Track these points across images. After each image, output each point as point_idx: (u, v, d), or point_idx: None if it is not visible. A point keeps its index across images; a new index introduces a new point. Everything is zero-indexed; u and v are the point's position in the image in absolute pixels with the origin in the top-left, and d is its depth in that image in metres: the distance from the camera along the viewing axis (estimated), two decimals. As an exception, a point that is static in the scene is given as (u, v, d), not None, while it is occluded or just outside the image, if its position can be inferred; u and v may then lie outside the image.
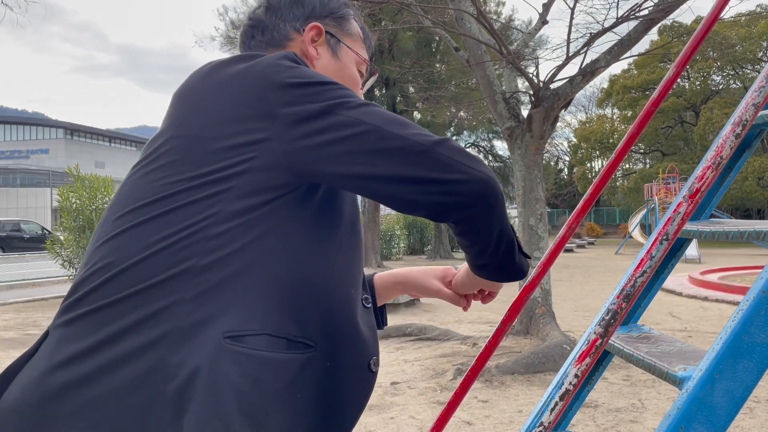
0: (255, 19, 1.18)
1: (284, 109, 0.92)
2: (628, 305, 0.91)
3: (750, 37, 34.20)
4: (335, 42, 1.18)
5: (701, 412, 0.99)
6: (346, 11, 1.21)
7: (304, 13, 1.17)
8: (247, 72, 0.96)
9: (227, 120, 0.94)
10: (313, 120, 0.91)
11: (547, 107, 6.65)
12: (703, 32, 1.11)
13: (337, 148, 0.90)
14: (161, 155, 0.97)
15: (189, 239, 0.90)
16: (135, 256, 0.91)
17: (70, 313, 0.92)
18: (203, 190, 0.91)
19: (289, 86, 0.94)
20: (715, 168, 0.96)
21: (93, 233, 1.02)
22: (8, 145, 62.00)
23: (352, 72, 1.19)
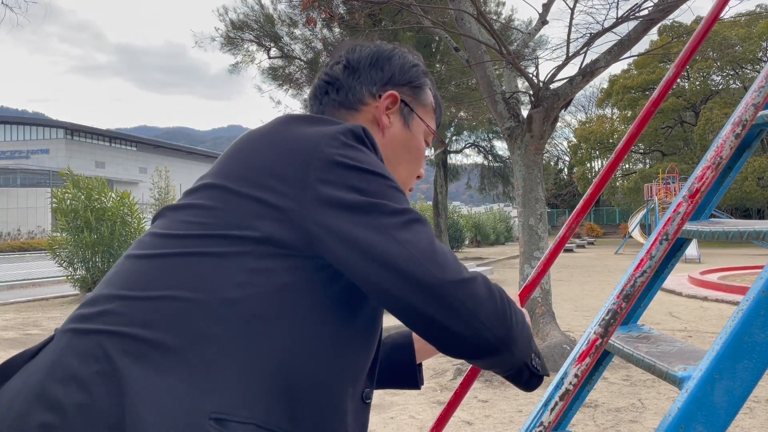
0: (332, 76, 1.14)
1: (319, 185, 0.87)
2: (628, 305, 0.91)
3: (750, 37, 34.20)
4: (408, 112, 1.14)
5: (701, 412, 0.99)
6: (423, 81, 1.18)
7: (382, 77, 1.14)
8: (305, 135, 0.93)
9: (265, 173, 0.90)
10: (345, 211, 0.86)
11: (547, 107, 6.65)
12: (703, 32, 1.11)
13: (357, 246, 0.85)
14: (201, 196, 0.95)
15: (201, 294, 0.86)
16: (146, 290, 0.88)
17: (82, 324, 0.89)
18: (224, 245, 0.88)
19: (335, 164, 0.89)
20: (714, 168, 0.96)
21: (134, 243, 1.01)
22: (8, 145, 61.99)
23: (419, 144, 1.16)
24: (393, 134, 1.12)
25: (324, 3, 11.57)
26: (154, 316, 0.86)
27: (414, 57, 1.19)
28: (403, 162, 1.14)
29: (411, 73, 1.16)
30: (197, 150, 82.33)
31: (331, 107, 1.12)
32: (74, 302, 11.61)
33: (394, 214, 0.87)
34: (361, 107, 1.11)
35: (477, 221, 35.78)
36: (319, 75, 1.17)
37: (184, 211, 0.95)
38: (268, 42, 22.23)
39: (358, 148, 0.92)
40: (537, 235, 6.87)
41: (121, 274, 0.94)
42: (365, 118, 1.11)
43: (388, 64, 1.15)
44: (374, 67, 1.14)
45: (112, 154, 63.66)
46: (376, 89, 1.12)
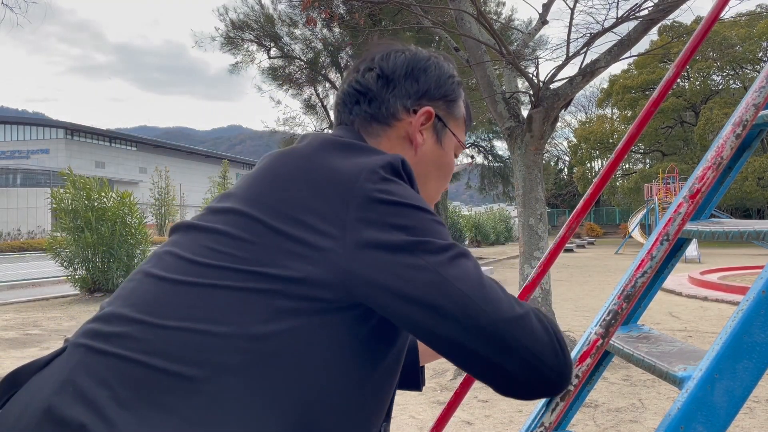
0: (364, 85, 1.08)
1: (360, 225, 0.84)
2: (629, 306, 0.91)
3: (750, 37, 34.21)
4: (442, 127, 1.10)
5: (701, 412, 0.99)
6: (458, 93, 1.13)
7: (418, 90, 1.08)
8: (343, 169, 0.89)
9: (301, 208, 0.86)
10: (388, 252, 0.82)
11: (547, 107, 6.65)
12: (703, 32, 1.11)
13: (403, 290, 0.82)
14: (228, 222, 0.90)
15: (225, 328, 0.82)
16: (168, 319, 0.84)
17: (97, 342, 0.86)
18: (255, 281, 0.84)
19: (376, 201, 0.85)
20: (715, 168, 0.96)
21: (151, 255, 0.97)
22: (8, 145, 62.00)
23: (450, 159, 1.12)
24: (425, 151, 1.08)
25: (324, 3, 11.57)
26: (174, 347, 0.82)
27: (449, 66, 1.14)
28: (433, 178, 1.11)
29: (447, 86, 1.11)
30: (197, 150, 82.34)
31: (362, 119, 1.07)
32: (74, 302, 11.61)
33: (439, 252, 0.83)
34: (394, 122, 1.07)
35: (477, 221, 35.78)
36: (348, 79, 1.11)
37: (210, 236, 0.90)
38: (268, 42, 22.23)
39: (396, 182, 0.89)
40: (537, 235, 6.87)
41: (142, 294, 0.90)
42: (397, 134, 1.07)
43: (424, 76, 1.09)
44: (409, 78, 1.08)
45: (112, 154, 63.67)
46: (410, 103, 1.07)
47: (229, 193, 0.96)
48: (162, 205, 45.39)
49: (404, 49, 1.12)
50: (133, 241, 12.13)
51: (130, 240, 12.07)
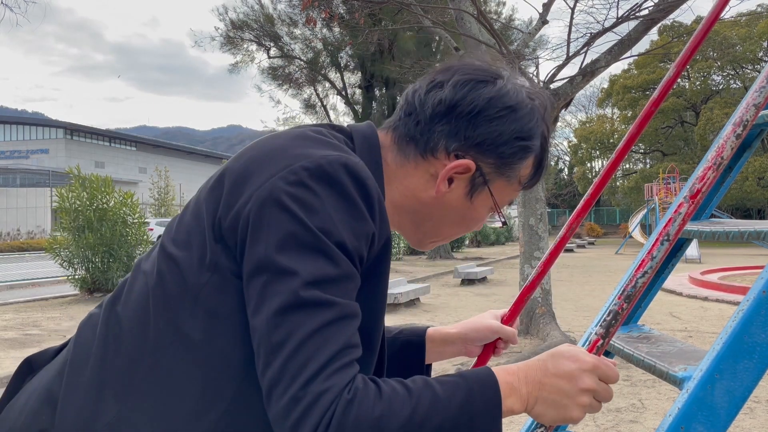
0: (422, 103, 0.96)
1: (251, 219, 0.82)
2: (629, 306, 0.91)
3: (750, 37, 34.21)
4: (481, 183, 0.97)
5: (701, 412, 0.99)
6: (522, 157, 0.97)
7: (469, 138, 0.94)
8: (285, 155, 0.86)
9: (229, 186, 0.87)
10: (253, 260, 0.81)
11: (547, 107, 6.65)
12: (703, 32, 1.11)
13: (249, 301, 0.82)
14: (195, 205, 0.93)
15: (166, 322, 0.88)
16: (134, 315, 0.91)
17: (67, 375, 0.93)
18: (190, 257, 0.88)
19: (274, 202, 0.81)
20: (715, 168, 0.96)
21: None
22: (8, 145, 62.00)
23: (478, 216, 1.01)
24: (448, 199, 0.98)
25: (324, 3, 11.56)
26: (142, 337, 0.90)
27: (534, 122, 0.97)
28: (450, 224, 1.02)
29: (507, 148, 0.95)
30: (197, 150, 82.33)
31: (403, 133, 0.98)
32: (74, 302, 11.61)
33: (285, 286, 0.79)
34: (429, 157, 0.96)
35: (477, 221, 35.71)
36: (418, 86, 0.99)
37: (181, 225, 0.94)
38: (267, 42, 22.23)
39: (312, 191, 0.82)
40: (537, 235, 6.87)
41: (129, 290, 0.95)
42: (427, 169, 0.97)
43: (486, 126, 0.94)
44: (469, 121, 0.94)
45: (112, 154, 63.66)
46: (455, 147, 0.95)
47: (215, 172, 0.99)
48: (162, 205, 45.46)
49: (492, 81, 0.96)
50: (133, 241, 12.13)
51: (131, 240, 12.07)
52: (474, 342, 1.22)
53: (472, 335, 1.22)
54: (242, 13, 22.12)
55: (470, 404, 0.80)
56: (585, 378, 0.85)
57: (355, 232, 0.83)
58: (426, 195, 0.99)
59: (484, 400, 0.81)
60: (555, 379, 0.86)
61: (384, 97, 25.04)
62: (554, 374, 0.86)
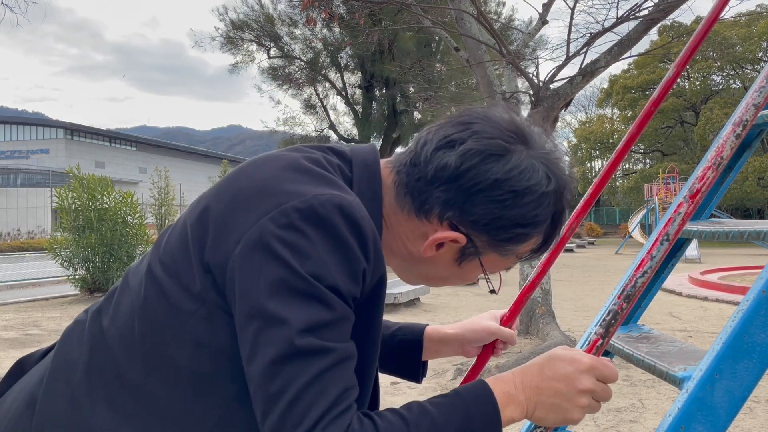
0: (426, 160, 0.90)
1: (240, 262, 0.80)
2: (629, 306, 0.91)
3: (750, 37, 34.22)
4: (471, 254, 0.93)
5: (701, 412, 0.99)
6: (521, 242, 0.92)
7: (466, 212, 0.88)
8: (275, 193, 0.83)
9: (218, 221, 0.85)
10: (246, 306, 0.80)
11: (547, 107, 6.65)
12: (703, 32, 1.11)
13: (241, 344, 0.82)
14: (179, 225, 0.93)
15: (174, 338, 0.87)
16: (125, 327, 0.91)
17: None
18: (175, 297, 0.87)
19: (263, 247, 0.79)
20: (715, 168, 0.96)
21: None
22: (8, 145, 62.00)
23: (465, 275, 0.98)
24: (436, 259, 0.94)
25: (324, 3, 11.57)
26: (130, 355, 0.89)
27: (536, 211, 0.88)
28: (438, 278, 1.00)
29: (504, 234, 0.89)
30: (197, 150, 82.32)
31: (404, 182, 0.92)
32: (74, 302, 11.61)
33: (279, 335, 0.78)
34: (422, 218, 0.91)
35: (477, 221, 35.73)
36: (433, 135, 0.91)
37: (167, 247, 0.92)
38: (268, 42, 22.24)
39: (305, 234, 0.79)
40: (537, 235, 6.86)
41: (117, 300, 0.95)
42: (418, 227, 0.93)
43: (486, 206, 0.87)
44: (471, 196, 0.87)
45: (112, 154, 63.65)
46: (448, 216, 0.89)
47: (201, 196, 0.97)
48: (162, 205, 45.47)
49: (509, 155, 0.87)
50: (133, 241, 12.14)
51: (131, 240, 12.08)
52: (471, 343, 1.22)
53: (469, 336, 1.21)
54: (242, 14, 22.15)
55: (469, 423, 0.80)
56: (582, 379, 0.85)
57: (349, 273, 0.81)
58: (415, 248, 0.95)
59: (483, 418, 0.81)
60: (552, 382, 0.85)
61: (384, 97, 25.04)
62: (551, 377, 0.85)
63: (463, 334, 1.22)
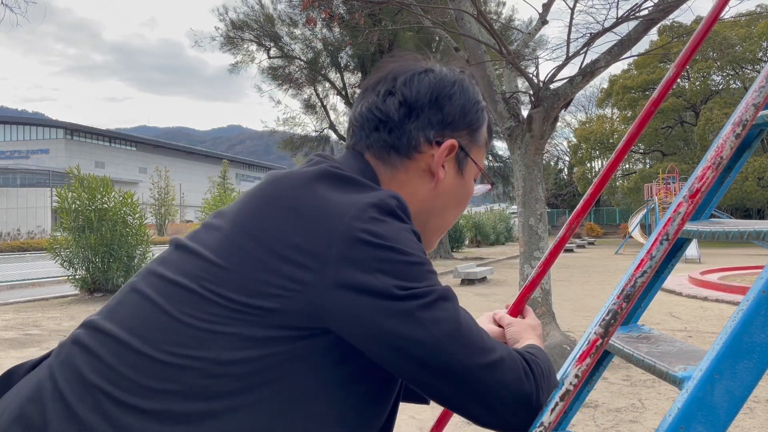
0: (384, 113, 1.02)
1: (341, 264, 0.82)
2: (628, 305, 0.91)
3: (750, 37, 34.23)
4: (464, 157, 1.05)
5: (701, 412, 0.99)
6: (483, 119, 1.07)
7: (441, 121, 1.02)
8: (332, 205, 0.87)
9: (284, 240, 0.85)
10: (366, 295, 0.82)
11: (547, 107, 6.65)
12: (703, 32, 1.11)
13: (374, 332, 0.83)
14: (212, 244, 0.90)
15: (198, 354, 0.83)
16: (141, 343, 0.86)
17: (75, 351, 0.90)
18: (229, 311, 0.84)
19: (360, 242, 0.83)
20: (715, 168, 0.96)
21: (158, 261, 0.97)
22: (8, 145, 62.03)
23: (470, 188, 1.09)
24: (446, 184, 1.04)
25: (324, 3, 11.57)
26: (143, 373, 0.84)
27: (475, 90, 1.07)
28: (450, 208, 1.08)
29: (472, 115, 1.05)
30: (197, 150, 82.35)
31: (380, 147, 1.02)
32: (74, 302, 11.61)
33: (416, 297, 0.83)
34: (415, 155, 1.02)
35: (477, 221, 35.78)
36: (367, 101, 1.04)
37: (195, 259, 0.90)
38: (268, 42, 22.24)
39: (386, 222, 0.86)
40: (537, 235, 6.87)
41: (128, 313, 0.91)
42: (417, 167, 1.02)
43: (449, 104, 1.03)
44: (433, 107, 1.02)
45: (112, 154, 63.67)
46: (433, 135, 1.02)
47: (222, 212, 0.96)
48: (162, 205, 45.42)
49: (428, 71, 1.05)
50: (133, 241, 12.14)
51: (131, 240, 12.08)
52: None
53: None
54: (242, 13, 22.14)
55: (542, 352, 1.01)
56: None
57: (424, 255, 0.90)
58: (425, 192, 1.03)
59: (543, 354, 1.01)
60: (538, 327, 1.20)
61: (384, 97, 25.03)
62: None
63: None
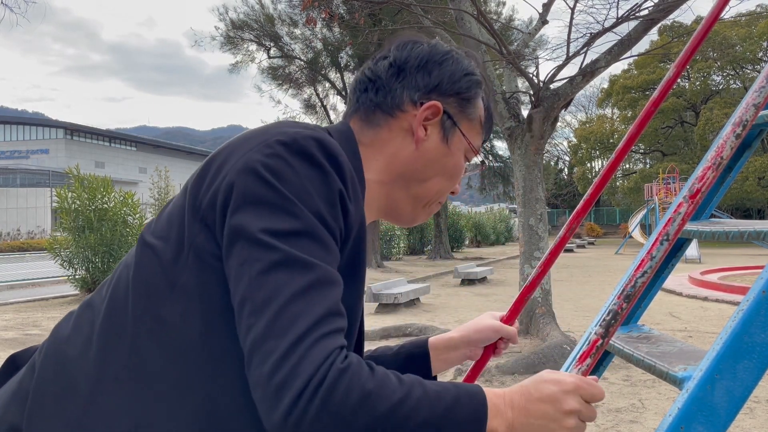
0: (375, 73, 1.05)
1: (228, 190, 0.83)
2: (628, 306, 0.91)
3: (750, 37, 34.22)
4: (451, 125, 1.05)
5: (701, 413, 0.99)
6: (475, 92, 1.07)
7: (428, 84, 1.03)
8: (260, 134, 0.90)
9: (214, 167, 0.89)
10: (231, 228, 0.82)
11: (547, 107, 6.65)
12: (703, 32, 1.11)
13: (229, 268, 0.82)
14: (178, 198, 0.95)
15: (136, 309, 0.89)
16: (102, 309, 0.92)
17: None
18: (169, 251, 0.88)
19: (250, 171, 0.83)
20: (715, 168, 0.96)
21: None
22: (8, 145, 61.99)
23: (457, 161, 1.07)
24: (427, 148, 1.03)
25: (324, 3, 11.57)
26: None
27: (470, 63, 1.08)
28: (434, 177, 1.06)
29: (462, 83, 1.05)
30: (197, 150, 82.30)
31: (366, 107, 1.05)
32: (74, 302, 11.61)
33: (265, 249, 0.79)
34: (397, 113, 1.03)
35: (477, 221, 35.78)
36: (363, 67, 1.09)
37: (162, 216, 0.95)
38: (268, 42, 22.23)
39: (286, 160, 0.84)
40: (537, 235, 6.87)
41: (116, 283, 0.95)
42: (400, 126, 1.03)
43: (438, 69, 1.04)
44: (422, 70, 1.04)
45: (112, 154, 63.65)
46: (418, 96, 1.03)
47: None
48: (162, 205, 45.56)
49: (425, 42, 1.08)
50: (133, 241, 12.13)
51: (131, 240, 12.07)
52: (477, 344, 1.21)
53: (474, 337, 1.20)
54: (242, 13, 22.13)
55: (457, 409, 0.80)
56: (568, 399, 0.85)
57: (329, 201, 0.85)
58: (407, 153, 1.03)
59: (470, 411, 0.81)
60: (539, 403, 0.85)
61: (384, 97, 25.05)
62: (538, 399, 0.86)
63: (469, 335, 1.21)
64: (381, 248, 21.62)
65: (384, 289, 10.12)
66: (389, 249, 24.87)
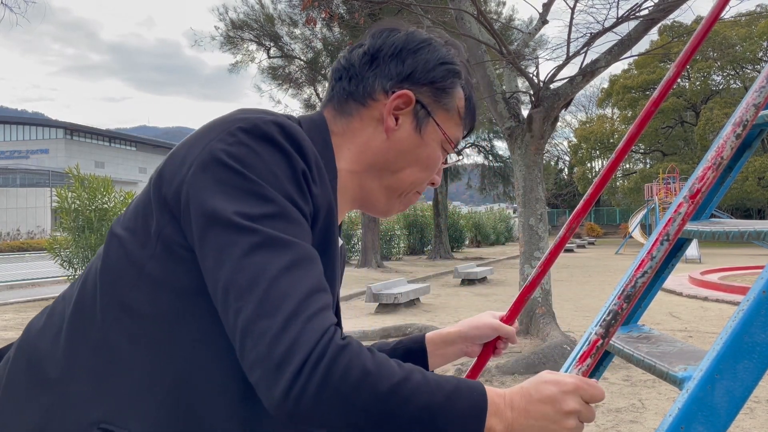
0: (349, 61, 1.03)
1: (192, 181, 0.83)
2: (629, 306, 0.91)
3: (750, 37, 34.21)
4: (424, 115, 1.02)
5: (701, 413, 0.99)
6: (451, 82, 1.03)
7: (401, 72, 1.00)
8: (220, 122, 0.89)
9: (175, 163, 0.88)
10: (202, 217, 0.81)
11: (547, 107, 6.65)
12: (703, 32, 1.11)
13: (201, 256, 0.82)
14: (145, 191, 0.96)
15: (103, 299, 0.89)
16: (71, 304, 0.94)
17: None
18: (133, 242, 0.89)
19: (214, 161, 0.83)
20: (715, 168, 0.96)
21: None
22: (8, 145, 62.00)
23: (431, 153, 1.03)
24: (399, 138, 1.01)
25: (324, 3, 11.58)
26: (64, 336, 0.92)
27: (448, 52, 1.04)
28: (407, 168, 1.03)
29: (436, 72, 1.01)
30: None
31: (339, 96, 1.03)
32: (74, 302, 11.62)
33: (241, 232, 0.78)
34: (369, 102, 1.01)
35: (477, 221, 35.78)
36: (340, 55, 1.07)
37: (130, 209, 0.95)
38: (267, 41, 22.23)
39: (248, 146, 0.84)
40: (537, 235, 6.87)
41: (80, 282, 0.96)
42: (371, 115, 1.01)
43: (412, 58, 1.01)
44: (395, 58, 1.01)
45: (112, 154, 63.67)
46: (390, 85, 1.00)
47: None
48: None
49: (403, 29, 1.05)
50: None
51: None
52: (474, 340, 1.21)
53: (472, 333, 1.20)
54: (242, 13, 22.13)
55: (457, 399, 0.80)
56: (568, 400, 0.85)
57: (295, 182, 0.85)
58: (378, 142, 1.01)
59: (471, 403, 0.81)
60: (539, 404, 0.85)
61: (384, 97, 25.06)
62: (538, 400, 0.85)
63: (466, 331, 1.21)
64: (381, 248, 21.61)
65: (384, 289, 10.12)
66: (389, 249, 24.87)
